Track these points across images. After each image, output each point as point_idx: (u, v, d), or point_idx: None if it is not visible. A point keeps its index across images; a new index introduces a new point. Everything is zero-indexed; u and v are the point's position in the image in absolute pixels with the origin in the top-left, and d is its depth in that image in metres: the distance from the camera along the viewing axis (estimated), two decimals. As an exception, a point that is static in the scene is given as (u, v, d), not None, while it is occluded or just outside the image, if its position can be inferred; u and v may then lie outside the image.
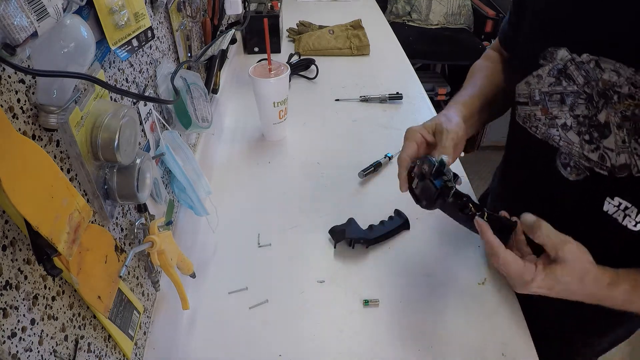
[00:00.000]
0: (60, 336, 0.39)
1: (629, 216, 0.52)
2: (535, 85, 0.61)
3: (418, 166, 0.57)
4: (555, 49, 0.58)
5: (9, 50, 0.29)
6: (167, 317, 0.65)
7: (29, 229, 0.32)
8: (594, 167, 0.55)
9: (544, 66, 0.59)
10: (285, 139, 1.09)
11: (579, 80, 0.55)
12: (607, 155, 0.54)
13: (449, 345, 0.64)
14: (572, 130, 0.57)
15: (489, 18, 2.54)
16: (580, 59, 0.55)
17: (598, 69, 0.53)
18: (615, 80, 0.51)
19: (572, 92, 0.57)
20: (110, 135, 0.43)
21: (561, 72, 0.57)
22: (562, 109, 0.58)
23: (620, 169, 0.52)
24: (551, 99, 0.59)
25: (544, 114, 0.60)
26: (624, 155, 0.52)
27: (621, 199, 0.53)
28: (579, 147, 0.57)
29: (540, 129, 0.62)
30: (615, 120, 0.52)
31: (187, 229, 0.78)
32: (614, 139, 0.52)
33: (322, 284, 0.73)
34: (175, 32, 0.77)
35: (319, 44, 1.48)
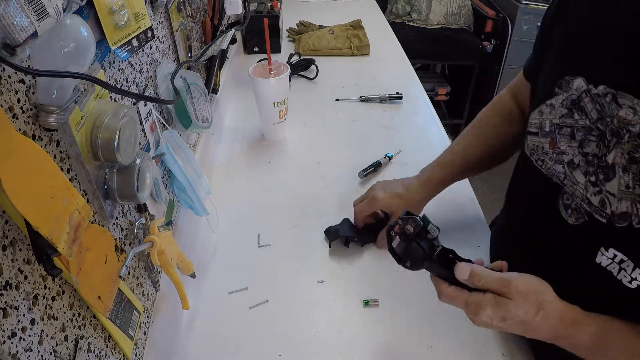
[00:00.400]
0: (60, 336, 0.39)
1: (624, 270, 0.48)
2: (547, 115, 0.56)
3: (400, 225, 0.53)
4: (572, 77, 0.53)
5: (9, 50, 0.29)
6: (167, 317, 0.65)
7: (29, 229, 0.32)
8: (593, 213, 0.50)
9: (558, 95, 0.55)
10: (285, 139, 1.09)
11: (592, 115, 0.50)
12: (608, 201, 0.49)
13: (449, 345, 0.64)
14: (580, 169, 0.52)
15: (489, 18, 2.54)
16: (596, 91, 0.50)
17: (615, 104, 0.48)
18: (630, 118, 0.46)
19: (584, 127, 0.52)
20: (110, 135, 0.43)
21: (574, 104, 0.53)
22: (571, 144, 0.53)
23: (620, 217, 0.47)
24: (561, 132, 0.54)
25: (552, 147, 0.56)
26: (625, 203, 0.47)
27: (616, 251, 0.48)
28: (583, 188, 0.52)
29: (546, 164, 0.57)
30: (622, 162, 0.47)
31: (187, 229, 0.78)
32: (618, 182, 0.47)
33: (322, 284, 0.73)
34: (175, 32, 0.77)
35: (319, 44, 1.48)
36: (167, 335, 0.64)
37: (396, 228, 0.53)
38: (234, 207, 0.88)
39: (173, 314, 0.66)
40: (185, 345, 0.65)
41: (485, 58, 2.51)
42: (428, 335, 0.65)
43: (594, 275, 0.51)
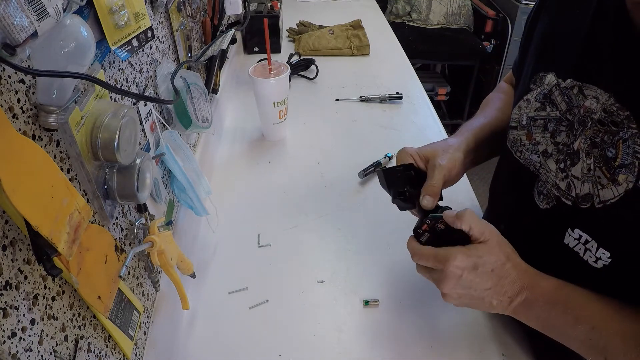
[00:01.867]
0: (60, 336, 0.39)
1: (590, 250, 0.50)
2: (524, 110, 0.60)
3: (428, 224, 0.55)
4: (545, 73, 0.57)
5: (9, 50, 0.29)
6: (167, 317, 0.65)
7: (29, 229, 0.32)
8: (561, 197, 0.54)
9: (533, 90, 0.59)
10: (285, 139, 1.09)
11: (561, 107, 0.55)
12: (573, 184, 0.52)
13: (449, 345, 0.64)
14: (552, 157, 0.56)
15: (489, 18, 2.54)
16: (564, 84, 0.54)
17: (581, 95, 0.52)
18: (594, 107, 0.50)
19: (555, 119, 0.56)
20: (110, 135, 0.43)
21: (546, 97, 0.57)
22: (545, 135, 0.57)
23: (584, 199, 0.51)
24: (535, 124, 0.58)
25: (528, 139, 0.59)
26: (587, 185, 0.50)
27: (581, 232, 0.51)
28: (554, 175, 0.55)
29: (524, 154, 0.60)
30: (585, 147, 0.51)
31: (187, 229, 0.78)
32: (581, 166, 0.51)
33: (322, 284, 0.73)
34: (175, 32, 0.77)
35: (319, 44, 1.48)
36: (167, 335, 0.64)
37: (424, 227, 0.55)
38: (234, 207, 0.88)
39: (173, 314, 0.66)
40: (185, 345, 0.65)
41: (485, 58, 2.51)
42: (428, 335, 0.65)
43: (564, 256, 0.53)
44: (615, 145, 0.47)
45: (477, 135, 0.69)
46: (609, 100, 0.48)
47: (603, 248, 0.49)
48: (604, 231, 0.49)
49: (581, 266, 0.51)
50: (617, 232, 0.48)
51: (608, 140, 0.48)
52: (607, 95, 0.48)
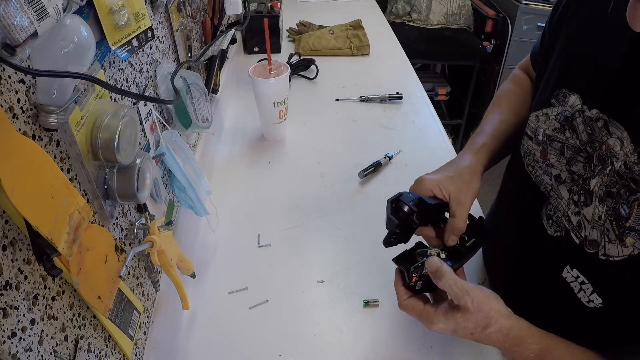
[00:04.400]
0: (60, 336, 0.39)
1: (584, 291, 0.50)
2: (542, 124, 0.56)
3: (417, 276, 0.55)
4: (569, 92, 0.52)
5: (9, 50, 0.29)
6: (167, 317, 0.65)
7: (29, 229, 0.32)
8: (571, 231, 0.52)
9: (553, 107, 0.55)
10: (285, 139, 1.09)
11: (582, 137, 0.50)
12: (583, 225, 0.50)
13: (449, 345, 0.64)
14: (565, 185, 0.53)
15: (489, 18, 2.54)
16: (589, 114, 0.49)
17: (605, 131, 0.47)
18: (617, 150, 0.46)
19: (573, 147, 0.52)
20: (110, 135, 0.43)
21: (567, 121, 0.52)
22: (560, 159, 0.54)
23: (591, 244, 0.49)
24: (552, 145, 0.55)
25: (542, 157, 0.56)
26: (596, 232, 0.48)
27: (579, 273, 0.50)
28: (566, 204, 0.53)
29: (536, 171, 0.58)
30: (600, 193, 0.48)
31: (187, 229, 0.78)
32: (593, 210, 0.48)
33: (322, 284, 0.73)
34: (175, 32, 0.77)
35: (319, 44, 1.48)
36: (167, 335, 0.64)
37: (413, 279, 0.55)
38: (234, 207, 0.88)
39: (173, 314, 0.66)
40: (185, 345, 0.65)
41: (485, 58, 2.51)
42: (428, 335, 0.65)
43: (559, 288, 0.53)
44: (630, 204, 0.45)
45: (492, 150, 0.65)
46: (633, 155, 0.44)
47: (597, 294, 0.49)
48: (602, 281, 0.49)
49: (573, 301, 0.51)
50: (614, 287, 0.48)
51: (624, 196, 0.45)
52: (632, 147, 0.44)
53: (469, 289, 0.49)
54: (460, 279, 0.51)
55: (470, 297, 0.49)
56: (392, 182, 0.94)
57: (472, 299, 0.49)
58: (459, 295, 0.49)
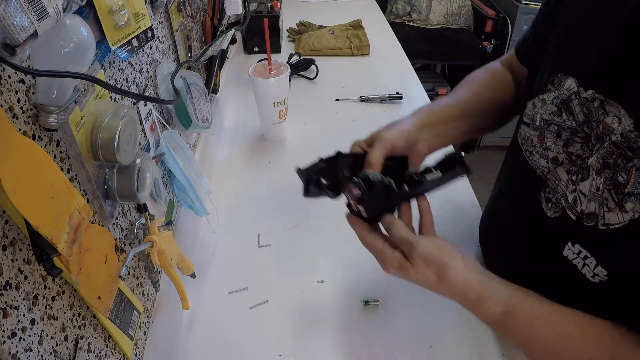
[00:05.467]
0: (60, 336, 0.39)
1: (588, 266, 0.50)
2: (538, 109, 0.57)
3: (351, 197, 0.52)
4: (564, 76, 0.54)
5: (9, 50, 0.29)
6: (167, 317, 0.65)
7: (29, 229, 0.32)
8: (567, 209, 0.52)
9: (550, 91, 0.56)
10: (285, 139, 1.09)
11: (579, 117, 0.52)
12: (579, 200, 0.50)
13: (449, 345, 0.64)
14: (563, 166, 0.54)
15: (489, 18, 2.54)
16: (585, 95, 0.51)
17: (602, 110, 0.48)
18: (615, 127, 0.47)
19: (570, 128, 0.53)
20: (110, 135, 0.43)
21: (564, 103, 0.53)
22: (557, 142, 0.55)
23: (588, 217, 0.49)
24: (549, 129, 0.56)
25: (540, 142, 0.57)
26: (593, 204, 0.48)
27: (581, 248, 0.50)
28: (564, 185, 0.53)
29: (533, 156, 0.58)
30: (596, 166, 0.48)
31: (187, 229, 0.78)
32: (590, 184, 0.49)
33: (322, 284, 0.73)
34: (175, 32, 0.77)
35: (319, 44, 1.48)
36: (167, 335, 0.64)
37: (352, 202, 0.52)
38: (234, 207, 0.88)
39: (173, 314, 0.66)
40: (185, 345, 0.65)
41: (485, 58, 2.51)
42: (428, 335, 0.65)
43: (562, 268, 0.52)
44: (628, 171, 0.45)
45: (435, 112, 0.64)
46: (629, 126, 0.45)
47: (601, 266, 0.48)
48: (604, 251, 0.48)
49: (578, 278, 0.51)
50: (617, 255, 0.48)
51: (621, 164, 0.46)
52: (631, 121, 0.45)
53: (417, 244, 0.48)
54: (410, 233, 0.49)
55: (417, 252, 0.47)
56: (392, 182, 0.94)
57: (419, 254, 0.47)
58: (406, 250, 0.48)
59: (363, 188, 0.51)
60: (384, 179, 0.51)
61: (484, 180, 2.43)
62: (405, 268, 0.49)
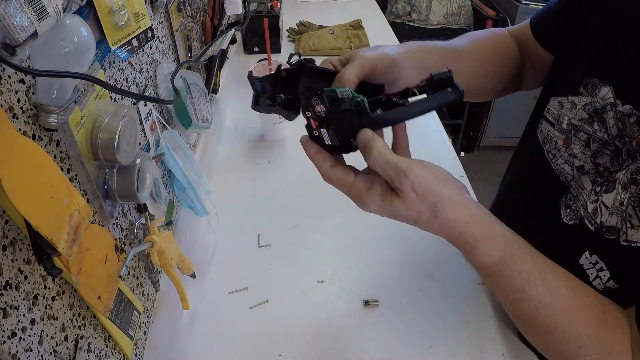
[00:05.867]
0: (60, 336, 0.39)
1: (600, 278, 0.49)
2: (567, 112, 0.53)
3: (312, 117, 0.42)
4: (600, 83, 0.49)
5: (9, 50, 0.29)
6: (167, 317, 0.65)
7: (29, 229, 0.32)
8: (585, 218, 0.50)
9: (582, 96, 0.51)
10: (285, 139, 1.09)
11: (612, 131, 0.49)
12: (600, 211, 0.48)
13: (449, 345, 0.64)
14: (589, 176, 0.51)
15: (489, 18, 2.54)
16: (622, 109, 0.47)
17: (637, 127, 0.46)
18: None
19: (601, 140, 0.50)
20: (110, 135, 0.43)
21: (597, 113, 0.50)
22: (585, 151, 0.52)
23: (609, 230, 0.47)
24: (577, 135, 0.52)
25: (565, 146, 0.54)
26: (615, 218, 0.46)
27: (599, 259, 0.49)
28: (587, 194, 0.51)
29: (557, 160, 0.55)
30: (624, 180, 0.46)
31: (187, 229, 0.78)
32: (614, 197, 0.47)
33: (322, 284, 0.73)
34: (175, 32, 0.77)
35: (319, 44, 1.48)
36: (167, 335, 0.64)
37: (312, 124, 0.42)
38: (234, 207, 0.88)
39: (173, 314, 0.66)
40: (185, 345, 0.65)
41: (485, 58, 2.51)
42: (428, 335, 0.65)
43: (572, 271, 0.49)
44: None
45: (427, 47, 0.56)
46: None
47: (614, 281, 0.48)
48: (622, 268, 0.47)
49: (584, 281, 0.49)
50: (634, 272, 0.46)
51: None
52: None
53: (408, 170, 0.39)
54: (396, 155, 0.40)
55: (409, 180, 0.38)
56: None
57: (412, 183, 0.38)
58: (394, 178, 0.39)
59: (327, 104, 0.40)
60: (355, 95, 0.40)
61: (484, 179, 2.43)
62: (392, 202, 0.40)
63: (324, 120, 0.41)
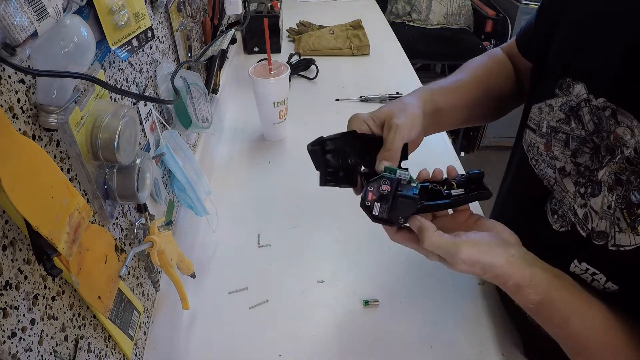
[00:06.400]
0: (60, 336, 0.39)
1: (597, 281, 0.48)
2: (545, 115, 0.54)
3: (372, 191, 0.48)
4: (573, 82, 0.50)
5: (9, 50, 0.29)
6: (167, 317, 0.65)
7: (29, 229, 0.32)
8: (577, 224, 0.50)
9: (557, 97, 0.52)
10: (285, 139, 1.09)
11: (588, 127, 0.49)
12: (590, 216, 0.48)
13: (449, 345, 0.64)
14: (570, 177, 0.51)
15: (489, 18, 2.54)
16: (596, 103, 0.47)
17: (613, 120, 0.45)
18: (627, 139, 0.44)
19: (579, 137, 0.50)
20: (110, 135, 0.43)
21: (572, 111, 0.50)
22: (565, 151, 0.52)
23: (599, 235, 0.47)
24: (556, 137, 0.53)
25: (546, 150, 0.54)
26: (605, 222, 0.46)
27: (589, 266, 0.49)
28: (572, 197, 0.51)
29: (540, 165, 0.55)
30: (609, 182, 0.46)
31: (187, 229, 0.78)
32: (601, 200, 0.46)
33: (322, 284, 0.73)
34: (175, 32, 0.77)
35: (319, 44, 1.48)
36: (167, 335, 0.64)
37: (369, 196, 0.48)
38: (234, 207, 0.88)
39: (173, 314, 0.66)
40: (185, 345, 0.65)
41: (485, 58, 2.51)
42: (428, 335, 0.65)
43: None
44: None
45: (435, 98, 0.60)
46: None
47: (612, 282, 0.47)
48: (615, 270, 0.47)
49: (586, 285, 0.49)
50: (629, 274, 0.46)
51: (635, 182, 0.43)
52: None
53: (456, 251, 0.45)
54: (445, 238, 0.46)
55: (459, 259, 0.45)
56: (392, 182, 0.94)
57: (462, 260, 0.45)
58: (447, 258, 0.46)
59: (394, 187, 0.47)
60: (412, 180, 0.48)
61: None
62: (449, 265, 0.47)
63: (383, 197, 0.48)
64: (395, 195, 0.47)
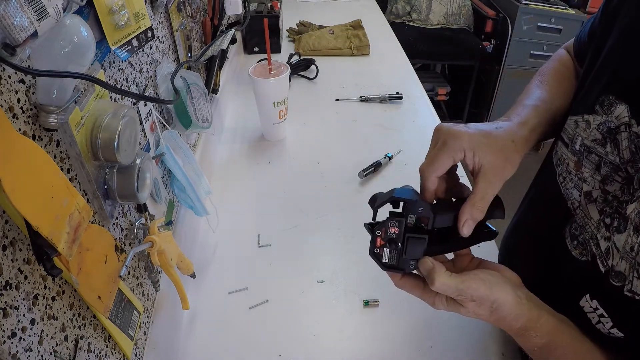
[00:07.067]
0: (60, 336, 0.39)
1: (602, 324, 0.46)
2: (581, 131, 0.49)
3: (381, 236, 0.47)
4: (617, 101, 0.45)
5: (9, 50, 0.29)
6: (167, 317, 0.65)
7: (29, 229, 0.32)
8: (598, 257, 0.46)
9: (597, 114, 0.47)
10: (285, 139, 1.09)
11: (624, 154, 0.44)
12: (612, 253, 0.44)
13: (449, 345, 0.64)
14: (596, 204, 0.46)
15: (489, 18, 2.54)
16: (636, 130, 0.43)
17: None
18: None
19: (612, 163, 0.45)
20: (110, 135, 0.43)
21: (610, 133, 0.45)
22: (594, 175, 0.47)
23: (617, 275, 0.43)
24: (588, 158, 0.48)
25: (576, 169, 0.49)
26: (624, 264, 0.42)
27: (599, 305, 0.46)
28: (595, 226, 0.46)
29: (567, 184, 0.51)
30: (636, 221, 0.41)
31: (187, 229, 0.78)
32: (625, 239, 0.42)
33: (322, 284, 0.73)
34: (175, 32, 0.77)
35: (319, 44, 1.48)
36: (167, 335, 0.64)
37: (378, 242, 0.47)
38: (234, 207, 0.88)
39: (173, 314, 0.66)
40: (185, 345, 0.65)
41: (485, 58, 2.51)
42: (428, 335, 0.65)
43: (575, 316, 0.49)
44: None
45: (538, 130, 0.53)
46: None
47: (617, 329, 0.45)
48: (625, 317, 0.44)
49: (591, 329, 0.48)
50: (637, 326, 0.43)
51: None
52: None
53: (464, 290, 0.44)
54: (454, 277, 0.45)
55: (468, 296, 0.45)
56: (392, 182, 0.94)
57: (470, 297, 0.45)
58: (455, 297, 0.46)
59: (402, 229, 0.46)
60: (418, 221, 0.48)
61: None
62: (456, 307, 0.47)
63: (392, 241, 0.47)
64: (405, 236, 0.46)
